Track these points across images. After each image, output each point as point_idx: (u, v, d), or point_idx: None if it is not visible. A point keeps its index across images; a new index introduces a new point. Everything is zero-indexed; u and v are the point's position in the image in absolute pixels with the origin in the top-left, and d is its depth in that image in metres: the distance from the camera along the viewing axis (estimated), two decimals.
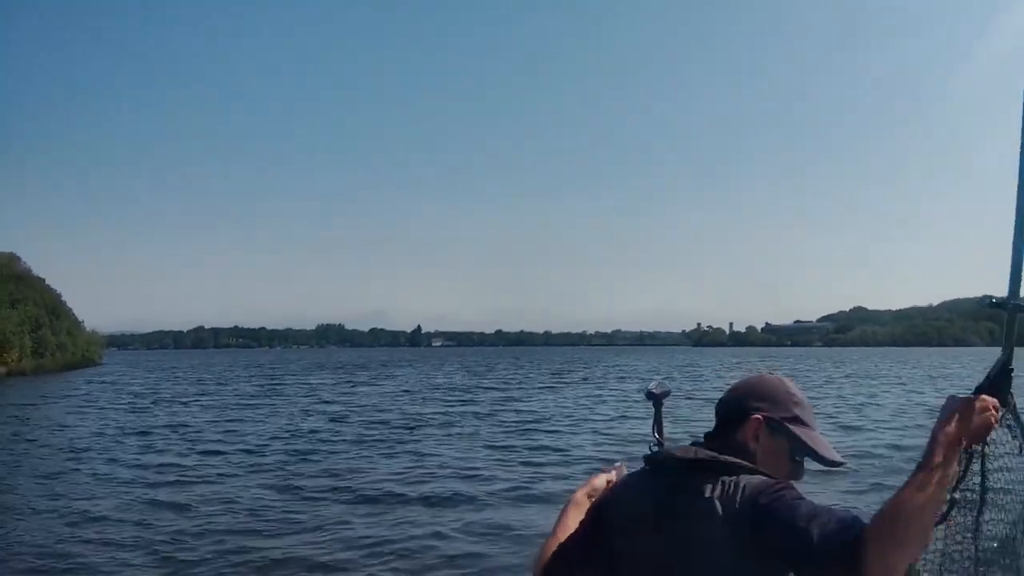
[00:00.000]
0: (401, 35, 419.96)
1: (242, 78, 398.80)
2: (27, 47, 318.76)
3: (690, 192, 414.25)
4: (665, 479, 1.82)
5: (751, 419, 1.84)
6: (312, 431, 17.75)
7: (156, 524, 9.07)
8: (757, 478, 1.69)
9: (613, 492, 1.96)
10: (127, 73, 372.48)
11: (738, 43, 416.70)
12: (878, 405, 24.49)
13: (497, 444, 15.24)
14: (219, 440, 16.28)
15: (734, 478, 1.69)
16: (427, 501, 10.08)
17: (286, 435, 17.04)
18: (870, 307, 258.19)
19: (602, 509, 1.93)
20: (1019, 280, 1.88)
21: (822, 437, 1.87)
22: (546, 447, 14.81)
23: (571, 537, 1.95)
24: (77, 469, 13.25)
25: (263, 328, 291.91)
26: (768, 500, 1.60)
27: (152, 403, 27.58)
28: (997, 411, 1.63)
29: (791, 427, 1.84)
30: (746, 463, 1.75)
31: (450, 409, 23.36)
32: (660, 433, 2.58)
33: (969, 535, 1.93)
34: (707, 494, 1.69)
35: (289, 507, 9.86)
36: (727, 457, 1.76)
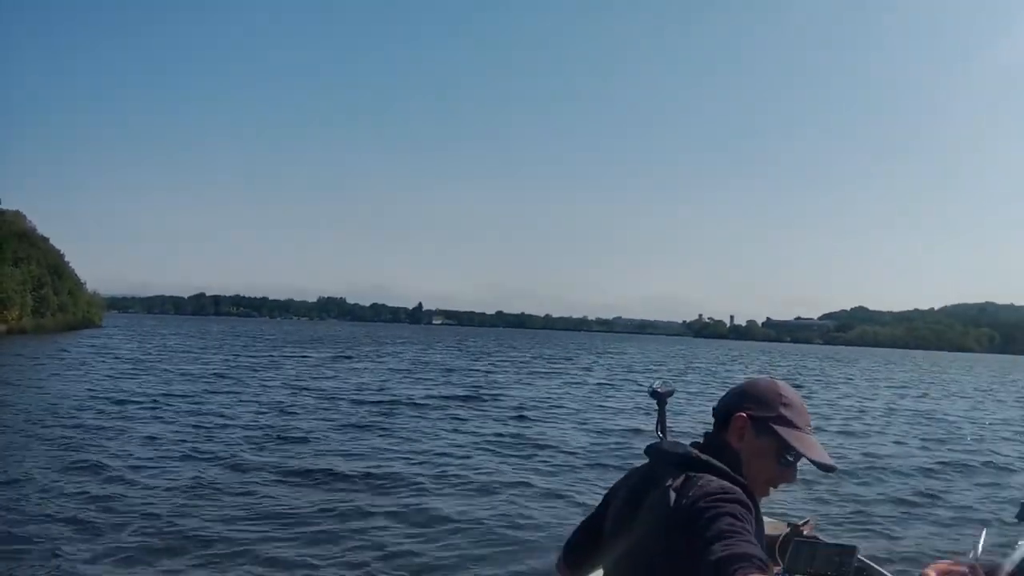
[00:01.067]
0: (407, 10, 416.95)
1: (253, 46, 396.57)
2: (33, 9, 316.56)
3: (694, 180, 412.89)
4: (647, 471, 1.95)
5: (735, 417, 1.90)
6: (289, 409, 17.19)
7: (97, 496, 8.64)
8: (717, 482, 1.74)
9: (617, 483, 2.09)
10: (136, 35, 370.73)
11: (754, 29, 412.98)
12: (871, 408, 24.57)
13: (483, 432, 14.78)
14: (190, 412, 15.89)
15: (699, 475, 1.77)
16: (391, 489, 9.58)
17: (260, 411, 16.59)
18: (871, 307, 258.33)
19: (608, 497, 2.09)
20: None
21: (813, 439, 1.90)
22: (534, 438, 14.39)
23: (587, 519, 2.14)
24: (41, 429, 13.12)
25: (264, 298, 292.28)
26: (705, 506, 1.67)
27: (135, 369, 27.21)
28: None
29: (775, 427, 1.87)
30: (719, 464, 1.81)
31: (437, 392, 22.91)
32: (664, 431, 2.64)
33: None
34: (668, 484, 1.78)
35: (243, 489, 9.31)
36: (703, 456, 1.84)
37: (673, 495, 1.74)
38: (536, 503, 9.28)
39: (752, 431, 1.88)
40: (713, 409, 2.00)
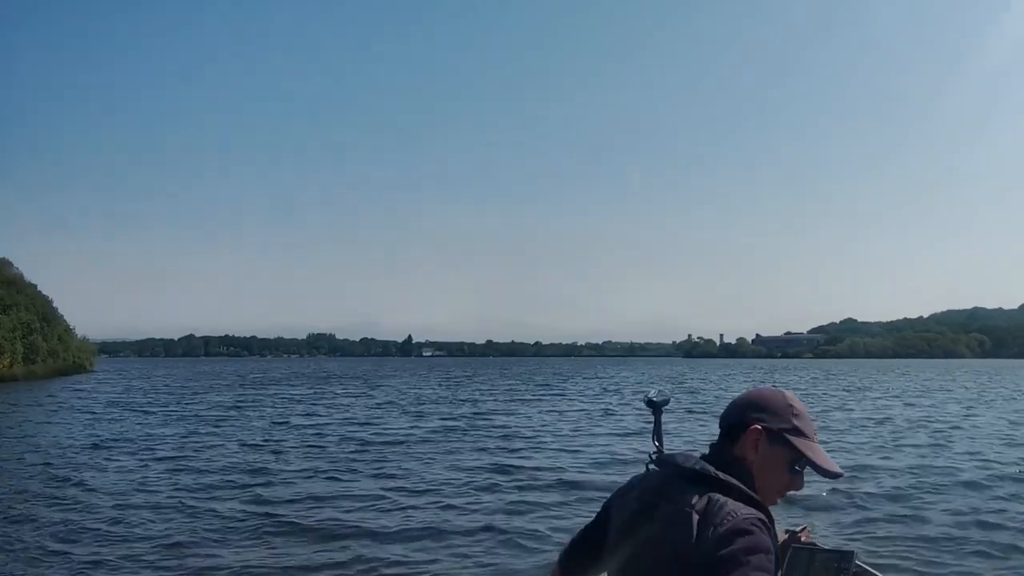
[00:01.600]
0: (390, 45, 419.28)
1: (233, 85, 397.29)
2: (23, 51, 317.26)
3: (679, 200, 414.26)
4: (658, 482, 1.92)
5: (750, 429, 1.89)
6: (272, 448, 16.84)
7: (55, 551, 8.41)
8: (743, 513, 1.74)
9: (620, 489, 2.07)
10: (120, 79, 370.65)
11: (729, 40, 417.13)
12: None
13: (467, 466, 14.31)
14: (172, 457, 15.59)
15: (722, 499, 1.76)
16: (380, 534, 9.21)
17: (242, 452, 16.32)
18: (860, 319, 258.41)
19: (609, 504, 2.06)
20: None
21: (821, 448, 1.93)
22: (521, 466, 14.11)
23: (585, 528, 2.14)
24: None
25: (254, 337, 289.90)
26: (733, 552, 1.67)
27: (121, 413, 26.96)
28: None
29: (790, 438, 1.88)
30: (739, 484, 1.81)
31: (422, 424, 22.63)
32: (660, 441, 2.64)
33: None
34: (691, 504, 1.76)
35: (217, 537, 9.02)
36: (724, 476, 1.82)
37: (696, 519, 1.73)
38: (521, 537, 9.06)
39: (766, 442, 1.88)
40: (719, 420, 1.99)
